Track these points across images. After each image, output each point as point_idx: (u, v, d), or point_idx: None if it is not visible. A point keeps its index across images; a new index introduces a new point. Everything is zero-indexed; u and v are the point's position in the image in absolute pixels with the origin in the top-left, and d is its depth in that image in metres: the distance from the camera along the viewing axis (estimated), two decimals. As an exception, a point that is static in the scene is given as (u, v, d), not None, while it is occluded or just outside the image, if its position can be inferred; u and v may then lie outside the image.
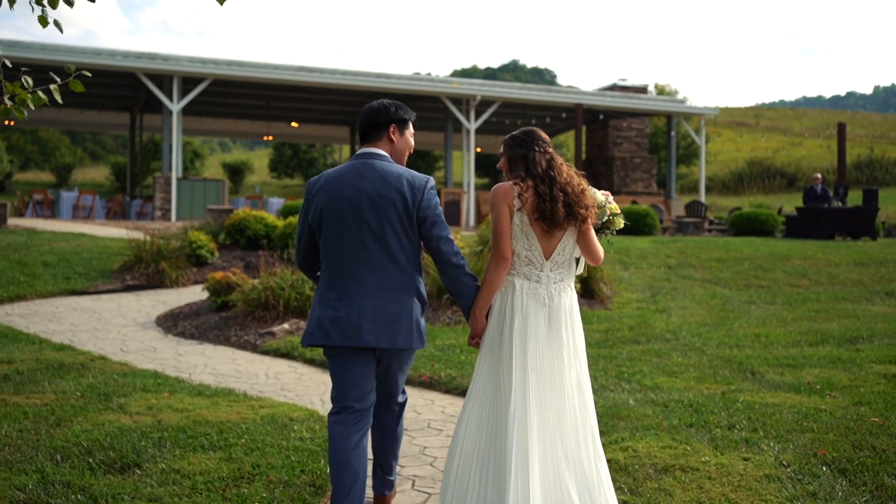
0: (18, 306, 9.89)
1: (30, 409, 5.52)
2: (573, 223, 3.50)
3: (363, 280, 3.53)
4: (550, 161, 3.57)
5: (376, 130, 3.69)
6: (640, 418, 5.30)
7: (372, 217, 3.52)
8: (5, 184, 39.86)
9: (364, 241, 3.53)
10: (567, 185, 3.50)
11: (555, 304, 3.51)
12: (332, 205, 3.56)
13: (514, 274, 3.53)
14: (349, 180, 3.58)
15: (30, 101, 3.93)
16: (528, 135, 3.66)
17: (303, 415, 5.54)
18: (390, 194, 3.53)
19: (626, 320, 9.59)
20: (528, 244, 3.51)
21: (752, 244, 16.32)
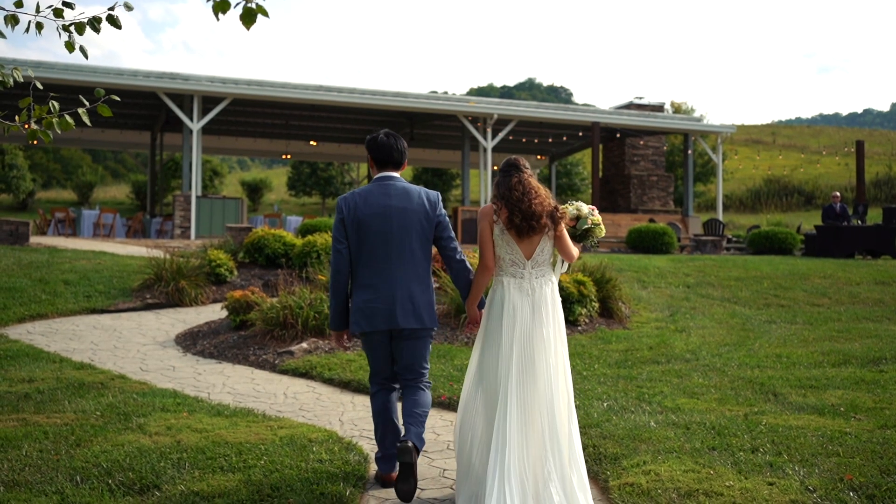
0: (40, 324, 9.95)
1: (50, 429, 5.53)
2: (539, 231, 4.31)
3: (393, 275, 4.49)
4: (509, 182, 4.40)
5: (394, 163, 4.68)
6: (661, 441, 5.25)
7: (400, 226, 4.50)
8: (28, 202, 40.26)
9: (394, 244, 4.50)
10: (519, 202, 4.30)
11: (537, 294, 4.34)
12: (368, 217, 4.50)
13: (503, 274, 4.38)
14: (378, 197, 4.54)
15: (56, 126, 3.96)
16: (504, 163, 4.55)
17: (322, 436, 5.52)
18: (414, 207, 4.55)
19: (645, 340, 9.54)
20: (511, 250, 4.35)
21: (772, 263, 16.22)
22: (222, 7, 2.31)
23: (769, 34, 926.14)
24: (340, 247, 4.57)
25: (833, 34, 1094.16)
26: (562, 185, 44.12)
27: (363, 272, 4.54)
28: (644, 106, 29.74)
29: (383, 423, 4.67)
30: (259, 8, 2.31)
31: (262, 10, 2.31)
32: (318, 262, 11.83)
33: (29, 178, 40.02)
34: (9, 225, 15.67)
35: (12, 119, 4.34)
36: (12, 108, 14.91)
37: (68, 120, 4.00)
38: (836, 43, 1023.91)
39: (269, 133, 28.95)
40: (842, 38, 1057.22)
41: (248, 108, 24.44)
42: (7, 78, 3.92)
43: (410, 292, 4.51)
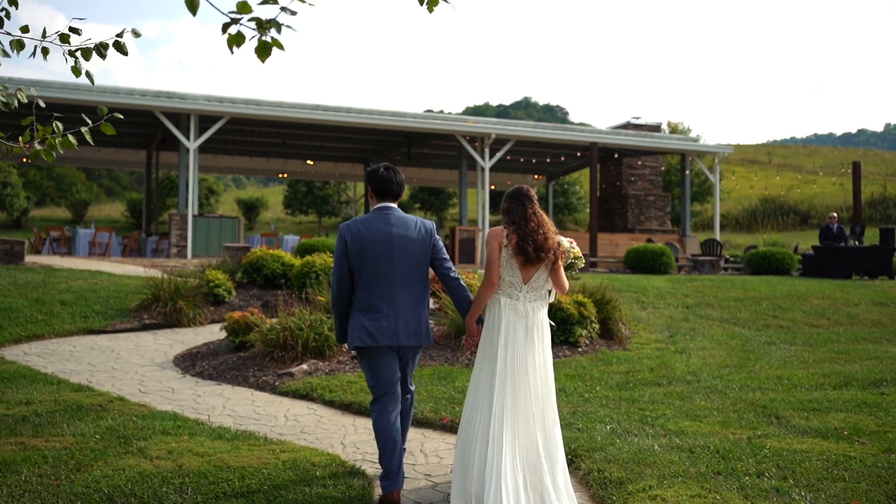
0: (36, 345, 9.88)
1: (49, 453, 5.49)
2: (544, 261, 4.76)
3: (395, 297, 4.87)
4: (524, 212, 4.84)
5: (393, 195, 5.06)
6: (666, 465, 5.22)
7: (401, 252, 4.89)
8: (22, 220, 40.17)
9: (395, 268, 4.88)
10: (534, 233, 4.76)
11: (530, 317, 4.78)
12: (371, 243, 4.87)
13: (501, 293, 4.80)
14: (379, 225, 4.92)
15: (59, 146, 3.95)
16: (517, 192, 4.98)
17: (325, 460, 5.48)
18: (413, 235, 4.95)
19: (645, 361, 9.51)
20: (512, 272, 4.79)
21: (770, 283, 16.22)
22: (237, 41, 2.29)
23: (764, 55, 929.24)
24: (343, 271, 4.94)
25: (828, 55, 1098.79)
26: (559, 205, 44.17)
27: (366, 294, 4.88)
28: (641, 126, 29.86)
29: (383, 435, 4.85)
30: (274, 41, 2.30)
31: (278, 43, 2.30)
32: (317, 282, 11.79)
33: (23, 196, 39.92)
34: (3, 244, 15.61)
35: (15, 138, 4.32)
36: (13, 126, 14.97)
37: (71, 140, 3.99)
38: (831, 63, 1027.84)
39: (266, 152, 28.97)
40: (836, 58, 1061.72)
41: (245, 127, 24.46)
42: (11, 99, 3.91)
43: (410, 313, 4.92)
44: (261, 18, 2.25)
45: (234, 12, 2.28)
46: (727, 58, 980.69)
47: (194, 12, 2.34)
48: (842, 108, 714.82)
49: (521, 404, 4.66)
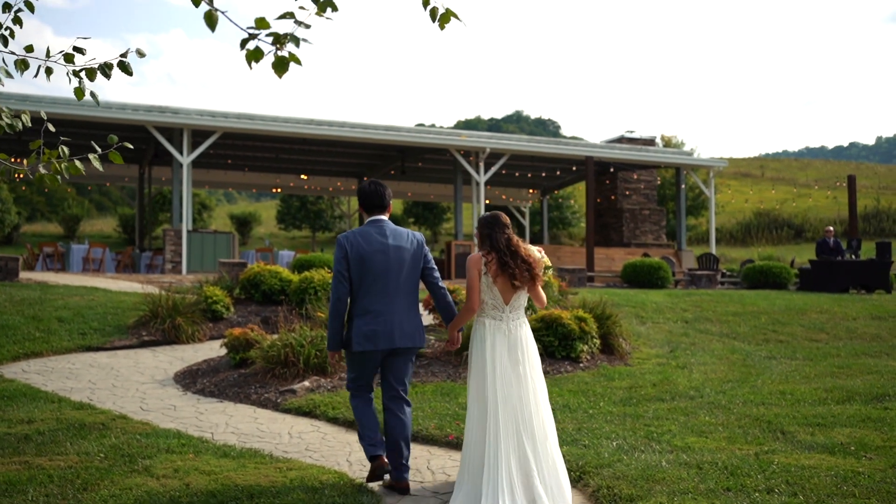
0: (35, 363, 9.83)
1: (54, 472, 5.44)
2: (527, 283, 5.10)
3: (391, 302, 5.25)
4: (508, 240, 5.15)
5: (381, 207, 5.46)
6: (675, 482, 5.20)
7: (397, 261, 5.28)
8: (13, 236, 39.99)
9: (391, 277, 5.26)
10: (524, 259, 5.10)
11: (513, 334, 5.10)
12: (370, 253, 5.24)
13: (486, 315, 5.13)
14: (376, 237, 5.30)
15: (65, 170, 3.93)
16: (493, 219, 5.26)
17: (333, 478, 5.45)
18: (406, 246, 5.35)
19: (647, 377, 9.50)
20: (493, 296, 5.11)
21: (768, 298, 16.25)
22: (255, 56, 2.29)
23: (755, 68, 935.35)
24: (343, 278, 5.26)
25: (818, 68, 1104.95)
26: (553, 219, 44.23)
27: (364, 300, 5.26)
28: (635, 140, 29.95)
29: (369, 418, 5.39)
30: (292, 56, 2.29)
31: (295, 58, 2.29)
32: (315, 298, 11.75)
33: (14, 212, 39.73)
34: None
35: (20, 156, 4.31)
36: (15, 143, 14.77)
37: (77, 165, 3.97)
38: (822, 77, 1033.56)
39: (259, 166, 28.94)
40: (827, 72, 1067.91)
41: (238, 142, 24.44)
42: (16, 122, 3.88)
43: (405, 317, 5.31)
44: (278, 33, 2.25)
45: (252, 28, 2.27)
46: (718, 72, 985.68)
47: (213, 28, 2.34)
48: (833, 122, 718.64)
49: (514, 417, 4.93)
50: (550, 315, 10.13)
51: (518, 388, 4.98)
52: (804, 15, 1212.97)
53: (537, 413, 5.01)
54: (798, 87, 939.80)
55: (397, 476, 5.28)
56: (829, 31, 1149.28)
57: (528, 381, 5.03)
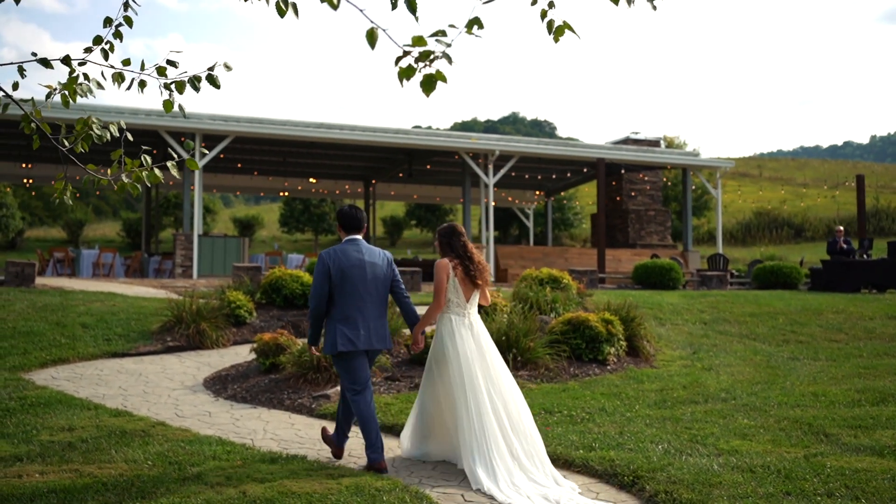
0: (63, 369, 9.81)
1: (108, 480, 5.44)
2: (481, 283, 6.12)
3: (366, 311, 6.06)
4: (464, 246, 6.17)
5: (358, 228, 6.27)
6: (733, 486, 5.21)
7: (372, 275, 6.11)
8: (17, 241, 39.96)
9: (367, 289, 6.08)
10: (479, 263, 6.15)
11: (475, 328, 6.08)
12: (349, 268, 6.05)
13: (451, 312, 6.06)
14: (354, 254, 6.13)
15: (146, 179, 3.94)
16: (452, 229, 6.28)
17: (387, 485, 5.44)
18: (380, 262, 6.20)
19: (676, 379, 9.52)
20: (458, 295, 6.08)
21: (783, 298, 16.27)
22: (407, 74, 2.29)
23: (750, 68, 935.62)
24: (324, 289, 6.06)
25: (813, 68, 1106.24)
26: (554, 220, 44.24)
27: (344, 308, 6.03)
28: (640, 141, 29.97)
29: (372, 424, 6.04)
30: (438, 74, 2.30)
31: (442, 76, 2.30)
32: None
33: (18, 217, 39.72)
34: (14, 266, 15.52)
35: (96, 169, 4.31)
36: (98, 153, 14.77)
37: (157, 174, 3.98)
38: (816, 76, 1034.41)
39: (267, 170, 28.93)
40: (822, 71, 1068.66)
41: (246, 146, 24.40)
42: (104, 133, 3.90)
43: (378, 323, 6.13)
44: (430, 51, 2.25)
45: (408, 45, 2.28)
46: (713, 72, 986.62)
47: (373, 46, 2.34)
48: (828, 121, 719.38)
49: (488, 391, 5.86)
50: (577, 317, 10.15)
51: (488, 370, 5.94)
52: (799, 15, 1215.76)
53: (509, 390, 5.98)
54: (793, 86, 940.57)
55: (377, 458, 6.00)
56: (823, 31, 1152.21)
57: (495, 364, 6.02)
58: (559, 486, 5.52)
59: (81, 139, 3.88)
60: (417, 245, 50.92)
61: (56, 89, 3.84)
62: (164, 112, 3.93)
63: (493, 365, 6.01)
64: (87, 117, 3.92)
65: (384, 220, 51.81)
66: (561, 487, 5.50)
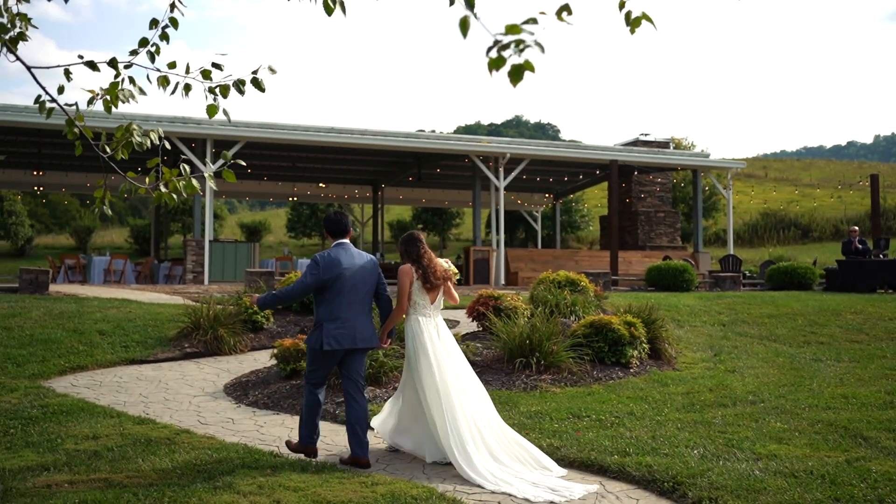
0: (82, 377, 9.73)
1: (138, 490, 5.35)
2: (440, 286, 6.57)
3: (353, 311, 6.35)
4: (420, 252, 6.60)
5: (344, 233, 6.64)
6: (779, 492, 5.11)
7: (361, 278, 6.43)
8: (26, 248, 39.94)
9: (356, 290, 6.39)
10: (430, 265, 6.56)
11: (440, 327, 6.57)
12: (343, 270, 6.35)
13: (418, 314, 6.51)
14: (346, 257, 6.44)
15: (183, 189, 3.85)
16: (412, 237, 6.74)
17: (422, 493, 5.35)
18: (367, 265, 6.53)
19: (701, 381, 9.41)
20: (422, 298, 6.52)
21: (799, 299, 16.15)
22: (497, 64, 2.21)
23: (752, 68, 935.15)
24: (308, 287, 6.34)
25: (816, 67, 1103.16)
26: (562, 223, 44.13)
27: (333, 308, 6.31)
28: (650, 142, 29.87)
29: (315, 416, 6.44)
30: (527, 64, 2.21)
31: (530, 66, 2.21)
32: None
33: (27, 224, 39.70)
34: (28, 274, 15.45)
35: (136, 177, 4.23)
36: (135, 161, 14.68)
37: (194, 184, 3.90)
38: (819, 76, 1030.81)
39: (276, 175, 28.89)
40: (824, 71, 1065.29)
41: (255, 151, 24.35)
42: (145, 140, 3.81)
43: (363, 323, 6.41)
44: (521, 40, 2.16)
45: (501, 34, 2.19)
46: (715, 73, 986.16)
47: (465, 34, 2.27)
48: (831, 121, 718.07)
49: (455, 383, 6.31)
50: (600, 320, 10.05)
51: (455, 367, 6.41)
52: (802, 14, 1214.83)
53: (474, 386, 6.46)
54: (796, 86, 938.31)
55: (361, 453, 6.26)
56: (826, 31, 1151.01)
57: (459, 361, 6.51)
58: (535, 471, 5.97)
59: (122, 146, 3.79)
60: (424, 249, 50.70)
61: (99, 94, 3.76)
62: (209, 117, 3.80)
63: (458, 362, 6.49)
64: (128, 124, 3.83)
65: (391, 225, 51.74)
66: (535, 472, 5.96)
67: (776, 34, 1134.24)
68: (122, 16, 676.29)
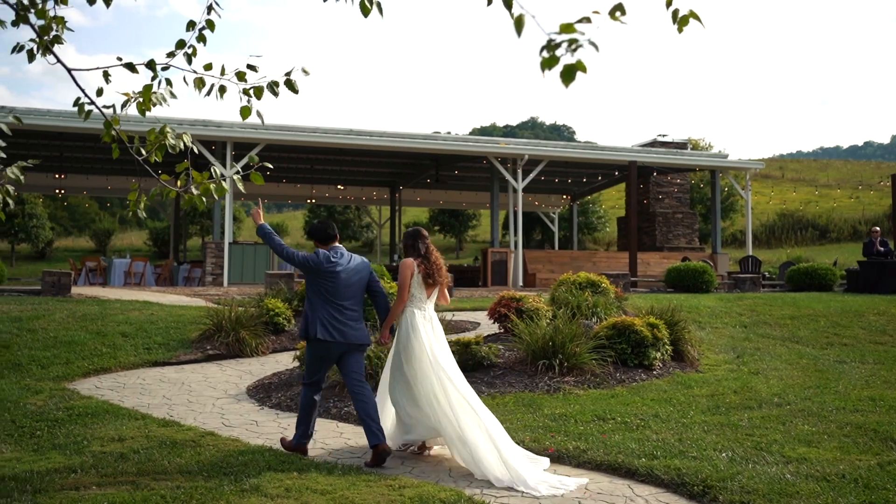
0: (105, 379, 9.77)
1: (166, 493, 5.35)
2: (440, 283, 6.82)
3: (347, 308, 6.68)
4: (428, 248, 6.87)
5: (333, 238, 6.92)
6: (811, 496, 5.06)
7: (355, 279, 6.78)
8: (46, 251, 40.20)
9: (349, 290, 6.72)
10: (436, 262, 6.79)
11: (434, 322, 6.76)
12: (338, 270, 6.71)
13: (414, 307, 6.70)
14: (338, 259, 6.78)
15: (214, 192, 3.86)
16: (417, 232, 6.99)
17: (451, 496, 5.33)
18: (361, 268, 6.88)
19: (725, 384, 9.34)
20: (421, 292, 6.73)
21: (821, 300, 16.03)
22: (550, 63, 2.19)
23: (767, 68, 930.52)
24: (300, 259, 6.70)
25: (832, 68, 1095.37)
26: (579, 224, 44.02)
27: (328, 305, 6.64)
28: (668, 143, 29.75)
29: (309, 416, 6.70)
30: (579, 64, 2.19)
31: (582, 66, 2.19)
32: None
33: (48, 227, 39.96)
34: (51, 276, 15.56)
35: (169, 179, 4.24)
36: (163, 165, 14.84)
37: (224, 186, 3.90)
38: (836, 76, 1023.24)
39: (294, 178, 28.95)
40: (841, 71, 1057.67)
41: (275, 153, 24.42)
42: (177, 142, 3.82)
43: (355, 321, 6.72)
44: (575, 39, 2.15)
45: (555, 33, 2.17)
46: (731, 73, 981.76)
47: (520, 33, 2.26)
48: (847, 121, 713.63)
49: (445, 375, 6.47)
50: (623, 322, 10.00)
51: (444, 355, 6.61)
52: (817, 14, 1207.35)
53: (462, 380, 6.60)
54: (812, 86, 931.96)
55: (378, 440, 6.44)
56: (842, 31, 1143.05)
57: (449, 359, 6.67)
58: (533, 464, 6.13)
59: (156, 148, 3.79)
60: (441, 250, 50.73)
61: (133, 97, 3.76)
62: (242, 118, 3.80)
63: (449, 359, 6.68)
64: (161, 126, 3.84)
65: (407, 226, 51.78)
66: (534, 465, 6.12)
67: (792, 35, 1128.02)
68: (142, 19, 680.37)
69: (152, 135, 3.87)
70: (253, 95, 3.77)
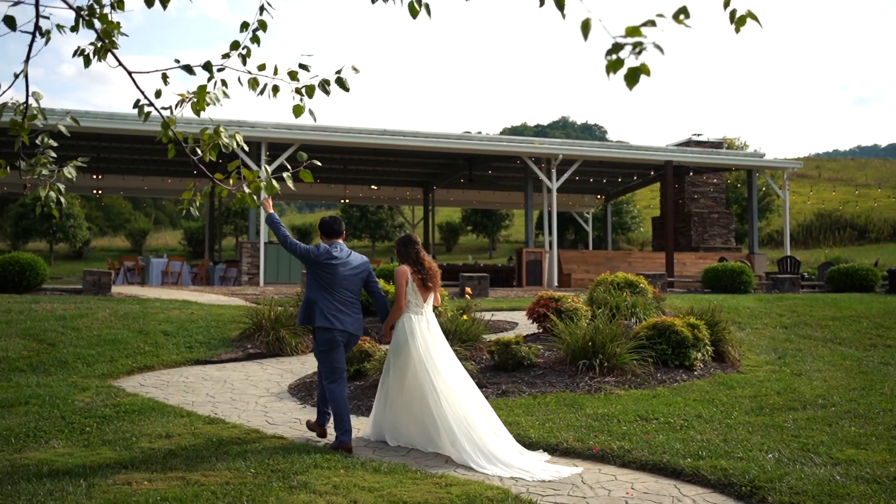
0: (149, 377, 9.90)
1: (216, 489, 5.42)
2: (436, 285, 7.05)
3: (346, 302, 7.02)
4: (419, 254, 7.08)
5: (338, 234, 7.33)
6: (864, 498, 5.01)
7: (353, 274, 7.11)
8: (83, 250, 40.77)
9: (347, 284, 7.05)
10: (430, 268, 7.04)
11: (431, 325, 6.95)
12: (339, 264, 7.04)
13: (411, 311, 6.91)
14: (339, 254, 7.10)
15: (264, 190, 3.91)
16: (409, 239, 7.25)
17: (497, 494, 5.35)
18: (359, 263, 7.21)
19: (767, 385, 9.27)
20: (416, 297, 6.95)
21: (862, 301, 15.85)
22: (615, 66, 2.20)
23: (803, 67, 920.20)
24: (301, 251, 7.01)
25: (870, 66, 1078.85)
26: (612, 224, 43.83)
27: (328, 298, 6.96)
28: (703, 142, 29.53)
29: (345, 408, 6.87)
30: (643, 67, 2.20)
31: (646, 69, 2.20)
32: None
33: (85, 227, 40.53)
34: (91, 275, 15.79)
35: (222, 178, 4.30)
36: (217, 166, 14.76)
37: (274, 185, 3.95)
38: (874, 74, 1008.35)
39: (327, 178, 29.11)
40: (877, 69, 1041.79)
41: (309, 154, 24.47)
42: (231, 142, 3.87)
43: (354, 313, 7.06)
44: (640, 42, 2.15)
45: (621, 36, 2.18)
46: (766, 72, 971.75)
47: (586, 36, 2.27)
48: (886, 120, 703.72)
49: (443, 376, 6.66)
50: (663, 322, 9.96)
51: (444, 360, 6.79)
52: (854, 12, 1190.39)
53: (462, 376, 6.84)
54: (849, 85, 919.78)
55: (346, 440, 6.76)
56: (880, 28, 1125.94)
57: (448, 356, 6.89)
58: (524, 457, 6.37)
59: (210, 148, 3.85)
60: (474, 251, 50.83)
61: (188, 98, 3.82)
62: (295, 117, 3.84)
63: (446, 355, 6.88)
64: (216, 126, 3.90)
65: (440, 226, 51.85)
66: (525, 457, 6.37)
67: (828, 33, 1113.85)
68: (172, 22, 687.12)
69: (206, 135, 3.92)
70: (305, 94, 3.81)
